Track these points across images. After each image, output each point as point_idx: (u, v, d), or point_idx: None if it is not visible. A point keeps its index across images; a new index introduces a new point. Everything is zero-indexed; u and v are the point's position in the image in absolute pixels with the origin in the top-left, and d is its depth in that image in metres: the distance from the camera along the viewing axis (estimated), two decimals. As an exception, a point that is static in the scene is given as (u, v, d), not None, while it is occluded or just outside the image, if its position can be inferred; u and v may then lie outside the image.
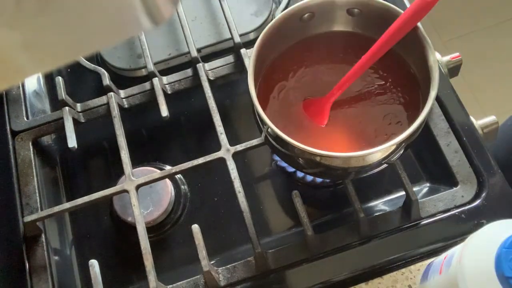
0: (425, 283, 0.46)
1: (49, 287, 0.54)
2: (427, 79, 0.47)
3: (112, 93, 0.62)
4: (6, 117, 0.64)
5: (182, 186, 0.62)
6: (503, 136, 0.72)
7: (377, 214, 0.55)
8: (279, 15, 0.52)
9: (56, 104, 0.65)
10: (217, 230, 0.59)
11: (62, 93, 0.61)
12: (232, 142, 0.56)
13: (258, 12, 0.68)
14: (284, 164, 0.60)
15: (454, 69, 0.64)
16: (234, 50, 0.64)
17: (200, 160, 0.56)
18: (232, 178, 0.54)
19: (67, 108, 0.61)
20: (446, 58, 0.64)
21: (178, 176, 0.62)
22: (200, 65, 0.63)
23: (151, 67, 0.63)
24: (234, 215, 0.58)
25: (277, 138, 0.47)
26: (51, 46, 0.23)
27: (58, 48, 0.23)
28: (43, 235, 0.57)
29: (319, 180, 0.59)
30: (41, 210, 0.58)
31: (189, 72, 0.64)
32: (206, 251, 0.51)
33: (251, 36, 0.67)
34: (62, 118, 0.61)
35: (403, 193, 0.55)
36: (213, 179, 0.62)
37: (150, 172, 0.59)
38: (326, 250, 0.53)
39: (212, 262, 0.54)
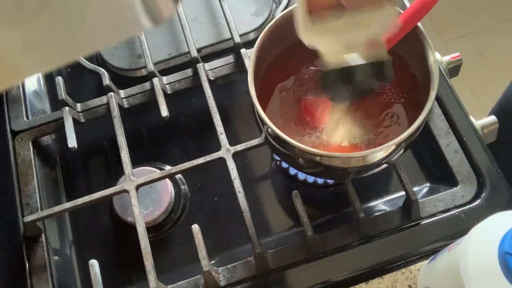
0: (433, 261, 0.46)
1: (49, 287, 0.54)
2: (427, 79, 0.47)
3: (112, 93, 0.62)
4: (6, 117, 0.64)
5: (182, 186, 0.62)
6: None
7: (377, 214, 0.55)
8: (279, 15, 0.51)
9: (56, 104, 0.65)
10: (217, 230, 0.59)
11: (62, 93, 0.61)
12: (232, 142, 0.56)
13: (258, 12, 0.68)
14: (285, 166, 0.60)
15: (454, 69, 0.64)
16: (234, 50, 0.64)
17: (200, 160, 0.56)
18: (232, 178, 0.54)
19: (67, 108, 0.61)
20: (446, 58, 0.64)
21: (178, 176, 0.62)
22: (200, 65, 0.63)
23: (151, 67, 0.63)
24: (234, 215, 0.58)
25: (277, 138, 0.47)
26: (51, 46, 0.23)
27: (59, 48, 0.23)
28: (43, 235, 0.57)
29: (320, 180, 0.59)
30: (41, 210, 0.58)
31: (189, 72, 0.64)
32: (206, 251, 0.51)
33: (251, 36, 0.67)
34: (62, 118, 0.61)
35: (403, 193, 0.55)
36: (213, 179, 0.62)
37: (150, 172, 0.59)
38: (326, 250, 0.53)
39: (212, 262, 0.54)
